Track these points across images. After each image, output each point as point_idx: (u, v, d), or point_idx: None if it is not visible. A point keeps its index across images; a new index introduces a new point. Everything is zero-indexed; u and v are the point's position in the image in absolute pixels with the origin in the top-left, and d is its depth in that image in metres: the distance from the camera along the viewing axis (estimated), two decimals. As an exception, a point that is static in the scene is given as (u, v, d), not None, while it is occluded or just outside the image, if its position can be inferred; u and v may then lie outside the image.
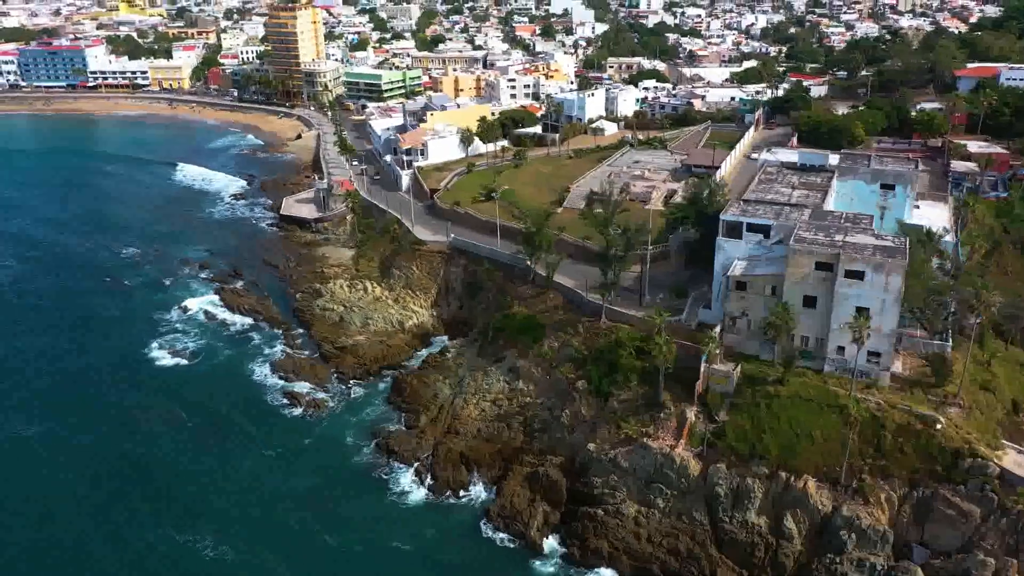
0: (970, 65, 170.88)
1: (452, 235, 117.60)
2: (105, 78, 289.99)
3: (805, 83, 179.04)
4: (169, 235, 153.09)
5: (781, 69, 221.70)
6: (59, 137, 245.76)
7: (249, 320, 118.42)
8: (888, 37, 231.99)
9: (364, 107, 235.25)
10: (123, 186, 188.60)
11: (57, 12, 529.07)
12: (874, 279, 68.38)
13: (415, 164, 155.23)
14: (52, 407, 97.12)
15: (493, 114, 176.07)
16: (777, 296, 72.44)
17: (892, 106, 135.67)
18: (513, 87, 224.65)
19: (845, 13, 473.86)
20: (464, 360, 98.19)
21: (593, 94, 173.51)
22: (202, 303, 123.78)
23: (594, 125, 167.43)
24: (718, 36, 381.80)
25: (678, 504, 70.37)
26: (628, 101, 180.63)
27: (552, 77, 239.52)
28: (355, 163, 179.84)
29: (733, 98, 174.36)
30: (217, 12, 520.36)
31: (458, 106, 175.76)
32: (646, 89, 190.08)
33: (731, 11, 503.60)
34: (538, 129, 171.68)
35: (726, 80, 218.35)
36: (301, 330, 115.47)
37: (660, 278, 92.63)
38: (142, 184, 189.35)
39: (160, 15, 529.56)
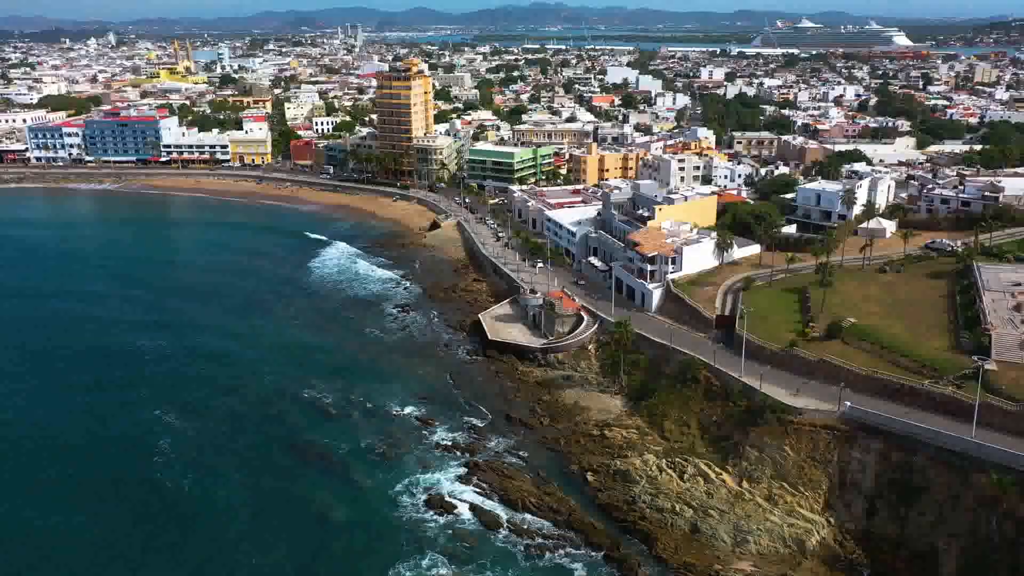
0: None
1: (847, 403, 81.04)
2: (180, 152, 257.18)
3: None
4: (351, 369, 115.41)
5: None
6: (147, 222, 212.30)
7: (546, 524, 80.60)
8: None
9: (505, 190, 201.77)
10: (254, 288, 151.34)
11: (94, 79, 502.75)
12: None
13: (668, 277, 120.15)
14: None
15: (722, 210, 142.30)
16: None
17: None
18: (682, 169, 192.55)
19: (934, 84, 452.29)
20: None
21: (860, 185, 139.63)
22: (458, 490, 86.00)
23: (867, 225, 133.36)
24: (815, 108, 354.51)
25: None
26: (884, 192, 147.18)
27: (704, 155, 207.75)
28: (540, 265, 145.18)
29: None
30: (255, 79, 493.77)
31: (685, 198, 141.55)
32: (891, 173, 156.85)
33: (803, 82, 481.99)
34: (791, 228, 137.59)
35: (943, 163, 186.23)
36: (635, 543, 77.76)
37: None
38: (275, 286, 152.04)
39: (203, 82, 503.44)
